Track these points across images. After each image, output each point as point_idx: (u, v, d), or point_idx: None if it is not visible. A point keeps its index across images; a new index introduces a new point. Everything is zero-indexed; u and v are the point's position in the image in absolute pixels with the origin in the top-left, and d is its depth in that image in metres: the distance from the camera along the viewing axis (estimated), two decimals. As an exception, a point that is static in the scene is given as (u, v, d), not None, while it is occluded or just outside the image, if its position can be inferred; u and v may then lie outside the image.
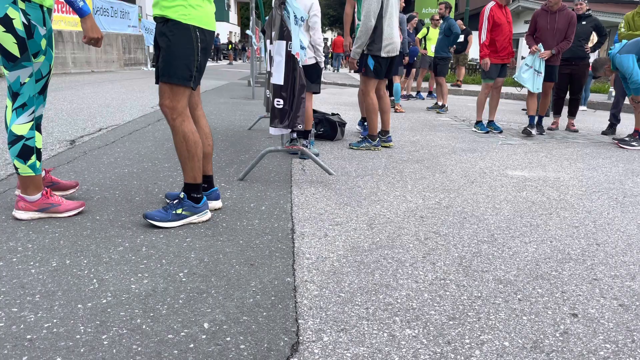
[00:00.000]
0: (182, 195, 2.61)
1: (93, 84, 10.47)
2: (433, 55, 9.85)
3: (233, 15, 45.07)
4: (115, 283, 1.92)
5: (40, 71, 2.61)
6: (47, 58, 2.62)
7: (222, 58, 33.28)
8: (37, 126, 2.68)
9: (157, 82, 2.62)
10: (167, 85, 2.51)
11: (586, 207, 3.34)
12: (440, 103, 9.00)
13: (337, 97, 10.79)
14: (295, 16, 3.34)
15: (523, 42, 15.49)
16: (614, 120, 6.91)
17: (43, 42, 2.55)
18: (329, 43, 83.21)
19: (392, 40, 4.75)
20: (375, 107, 4.93)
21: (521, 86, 11.91)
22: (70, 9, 13.13)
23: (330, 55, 33.80)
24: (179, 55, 2.47)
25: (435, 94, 11.51)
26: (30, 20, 2.44)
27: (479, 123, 6.67)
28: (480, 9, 25.37)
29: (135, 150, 4.36)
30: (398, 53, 4.91)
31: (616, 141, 5.98)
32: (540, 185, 3.88)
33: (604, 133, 6.87)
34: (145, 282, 1.94)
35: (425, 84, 13.69)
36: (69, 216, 2.64)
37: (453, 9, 17.44)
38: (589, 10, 6.89)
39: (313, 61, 4.33)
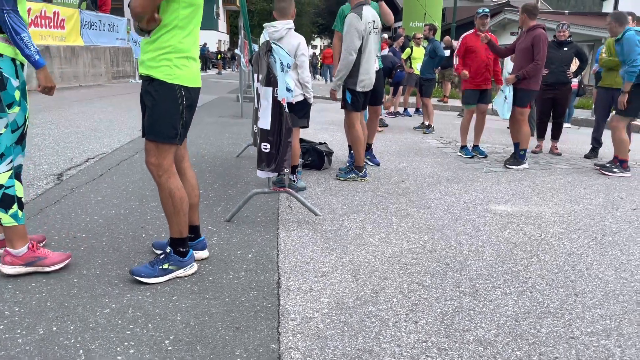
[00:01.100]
0: (168, 250, 2.64)
1: (81, 101, 10.44)
2: (419, 73, 9.98)
3: (222, 24, 45.08)
4: (101, 354, 1.95)
5: (15, 122, 2.66)
6: (22, 109, 2.66)
7: (210, 67, 33.25)
8: (16, 175, 2.71)
9: (143, 136, 2.65)
10: (152, 144, 2.55)
11: (566, 248, 3.41)
12: (426, 123, 9.10)
13: (325, 114, 10.86)
14: (281, 63, 3.39)
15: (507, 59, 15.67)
16: (596, 143, 7.04)
17: (17, 94, 2.60)
18: (317, 51, 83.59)
19: (369, 76, 4.88)
20: (361, 138, 5.00)
21: None
22: (57, 22, 13.13)
23: (319, 65, 33.93)
24: (164, 114, 2.52)
25: (422, 111, 11.62)
26: (2, 72, 2.49)
27: (463, 148, 6.77)
28: (469, 19, 25.70)
29: (123, 186, 4.38)
30: (372, 87, 5.04)
31: (597, 167, 6.10)
32: (522, 222, 3.96)
33: (586, 157, 7.00)
34: (131, 352, 1.97)
35: (412, 99, 13.80)
36: (56, 270, 2.66)
37: (440, 25, 17.66)
38: (570, 37, 7.03)
39: (301, 98, 4.39)
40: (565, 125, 10.14)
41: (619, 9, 24.79)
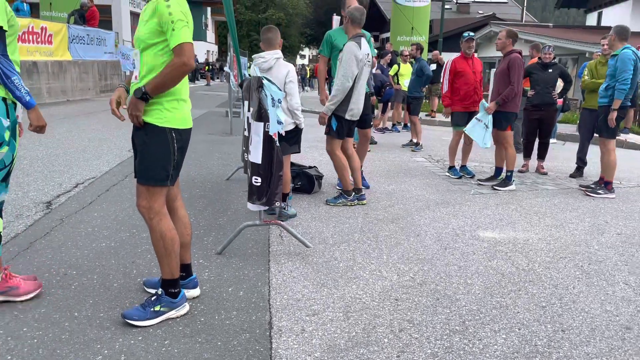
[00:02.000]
0: (159, 291, 2.65)
1: (69, 119, 10.38)
2: (406, 90, 10.10)
3: (211, 34, 45.12)
4: (95, 408, 1.95)
5: (3, 161, 2.67)
6: (10, 149, 2.68)
7: (199, 78, 33.21)
8: None
9: (135, 177, 2.67)
10: (144, 187, 2.57)
11: (553, 279, 3.47)
12: (415, 141, 9.18)
13: (315, 130, 10.85)
14: (272, 98, 3.43)
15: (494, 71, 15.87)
16: (581, 163, 7.16)
17: (6, 134, 2.62)
18: (305, 61, 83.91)
19: (357, 106, 4.93)
20: (344, 163, 5.05)
21: None
22: (44, 37, 13.07)
23: (308, 76, 34.06)
24: (155, 157, 2.54)
25: (410, 128, 11.72)
26: None
27: (451, 168, 6.86)
28: (456, 31, 26.04)
29: (113, 215, 4.37)
30: (359, 117, 5.11)
31: (583, 188, 6.20)
32: (510, 250, 4.02)
33: (571, 176, 7.11)
34: (125, 405, 1.97)
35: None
36: (27, 299, 2.73)
37: (427, 38, 17.85)
38: (554, 58, 7.16)
39: (292, 126, 4.42)
40: (551, 140, 10.30)
41: (602, 22, 25.30)
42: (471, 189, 6.11)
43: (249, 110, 3.90)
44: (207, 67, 32.11)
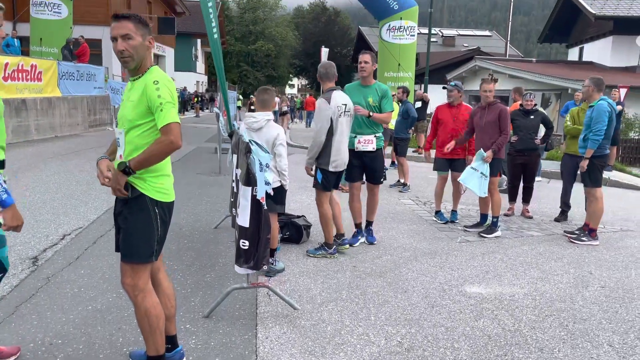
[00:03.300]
0: (146, 369, 2.64)
1: (57, 157, 10.36)
2: (393, 128, 10.23)
3: (200, 65, 45.54)
4: None
5: None
6: None
7: (188, 109, 33.37)
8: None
9: (116, 250, 2.70)
10: (128, 265, 2.59)
11: (539, 341, 3.51)
12: (402, 181, 9.28)
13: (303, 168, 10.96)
14: (260, 163, 3.49)
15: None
16: (565, 207, 7.28)
17: None
18: (294, 90, 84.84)
19: (340, 156, 5.03)
20: (329, 217, 5.12)
21: None
22: (34, 75, 13.12)
23: (297, 107, 34.39)
24: (138, 234, 2.57)
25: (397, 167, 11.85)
26: None
27: (438, 213, 6.95)
28: (442, 64, 26.45)
29: (100, 272, 4.35)
30: (345, 167, 5.20)
31: (567, 235, 6.29)
32: (496, 307, 4.05)
33: (556, 220, 7.22)
34: None
35: (388, 150, 14.05)
36: None
37: (413, 72, 18.18)
38: (535, 105, 7.35)
39: (278, 184, 4.48)
40: (536, 178, 10.47)
41: (583, 58, 25.97)
42: (458, 236, 6.18)
43: (237, 167, 3.96)
44: (196, 99, 32.30)
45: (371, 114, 5.21)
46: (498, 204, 6.28)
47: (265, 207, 3.51)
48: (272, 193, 4.01)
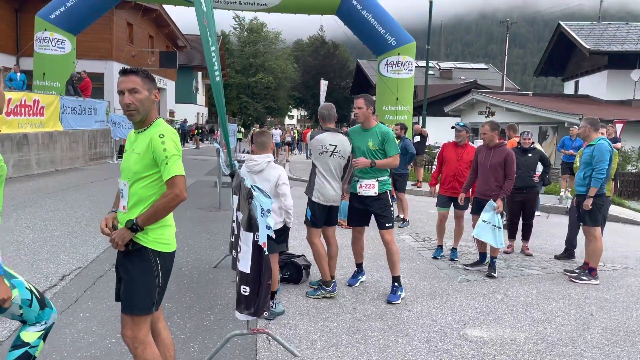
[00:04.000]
0: (146, 422, 2.62)
1: (57, 193, 10.39)
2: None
3: (201, 97, 46.07)
4: None
5: (23, 299, 2.63)
6: (17, 287, 2.64)
7: (188, 141, 33.61)
8: (45, 335, 2.73)
9: (117, 300, 2.71)
10: (128, 317, 2.60)
11: (541, 389, 3.47)
12: (401, 216, 9.30)
13: (305, 202, 10.99)
14: (262, 208, 3.52)
15: (477, 142, 16.32)
16: (569, 245, 7.26)
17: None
18: (294, 121, 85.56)
19: (322, 192, 5.11)
20: (322, 254, 5.15)
21: None
22: (36, 110, 13.27)
23: (297, 138, 34.64)
24: (139, 286, 2.59)
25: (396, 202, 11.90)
26: None
27: (439, 248, 6.99)
28: (439, 97, 26.84)
29: (99, 316, 4.33)
30: (335, 204, 5.25)
31: (567, 274, 6.28)
32: (497, 352, 4.02)
33: (557, 257, 7.21)
34: None
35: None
36: None
37: (411, 105, 18.41)
38: (533, 143, 7.44)
39: (280, 225, 4.50)
40: (535, 213, 10.50)
41: (579, 91, 26.34)
42: (458, 275, 6.16)
43: (238, 210, 3.99)
44: (196, 131, 32.56)
45: (375, 162, 5.08)
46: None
47: (267, 253, 3.52)
48: (273, 236, 4.05)
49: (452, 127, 7.11)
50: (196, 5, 5.05)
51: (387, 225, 5.27)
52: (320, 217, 5.16)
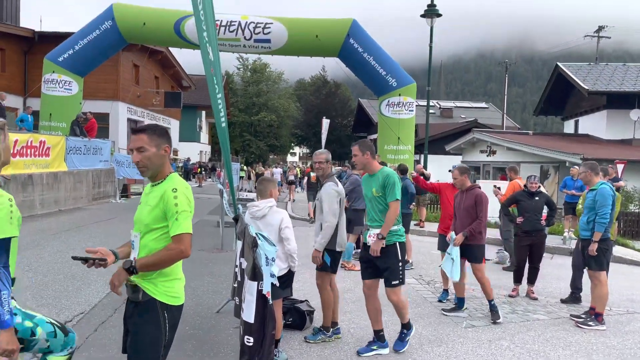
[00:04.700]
0: None
1: (59, 234, 10.40)
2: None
3: (204, 135, 46.57)
4: None
5: (48, 333, 2.80)
6: (39, 323, 2.73)
7: (191, 179, 33.78)
8: (70, 358, 2.98)
9: (123, 352, 2.70)
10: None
11: None
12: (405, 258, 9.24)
13: (307, 242, 10.93)
14: (266, 257, 3.54)
15: (479, 183, 16.39)
16: (575, 289, 7.20)
17: (27, 323, 2.65)
18: (296, 158, 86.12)
19: (342, 237, 5.17)
20: (331, 301, 5.15)
21: None
22: (42, 150, 13.42)
23: (299, 175, 34.78)
24: (146, 339, 2.60)
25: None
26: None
27: (444, 292, 6.96)
28: (440, 136, 27.03)
29: (100, 365, 4.28)
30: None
31: (574, 319, 6.21)
32: (505, 404, 3.95)
33: (563, 301, 7.13)
34: None
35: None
36: None
37: (413, 144, 18.58)
38: (539, 187, 7.48)
39: (285, 271, 4.50)
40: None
41: (579, 130, 26.58)
42: (463, 320, 6.09)
43: (242, 256, 3.99)
44: (199, 169, 32.76)
45: (382, 235, 4.64)
46: (488, 287, 6.20)
47: (271, 302, 3.52)
48: (277, 284, 4.04)
49: (449, 171, 7.22)
50: (203, 55, 5.18)
51: (392, 282, 4.74)
52: (338, 262, 5.23)
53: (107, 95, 23.46)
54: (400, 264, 4.78)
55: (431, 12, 17.12)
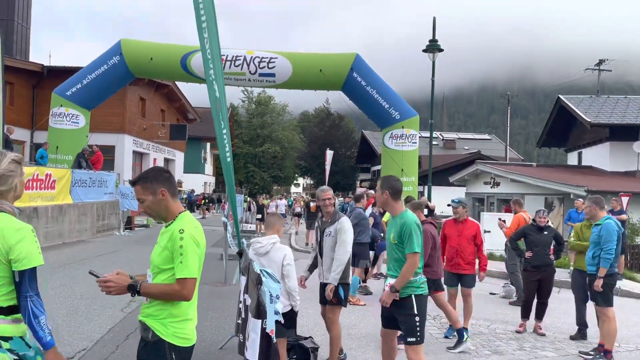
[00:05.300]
0: None
1: (62, 269, 10.37)
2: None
3: (209, 167, 46.82)
4: None
5: None
6: None
7: (195, 210, 33.80)
8: None
9: None
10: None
11: None
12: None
13: (313, 276, 10.86)
14: (270, 295, 3.52)
15: (484, 215, 16.38)
16: (582, 325, 7.09)
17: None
18: (300, 189, 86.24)
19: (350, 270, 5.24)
20: (340, 336, 5.09)
21: None
22: (48, 183, 13.51)
23: (304, 209, 34.71)
24: None
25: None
26: (18, 354, 2.50)
27: (450, 328, 6.85)
28: (443, 167, 27.10)
29: (101, 404, 4.21)
30: None
31: (582, 356, 6.10)
32: None
33: (572, 338, 7.01)
34: None
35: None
36: None
37: (416, 175, 18.61)
38: (548, 221, 7.46)
39: (288, 308, 4.47)
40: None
41: (582, 162, 26.61)
42: (471, 358, 5.99)
43: (246, 292, 3.97)
44: (203, 201, 32.82)
45: (395, 287, 4.15)
46: (454, 314, 6.36)
47: (275, 341, 3.48)
48: (282, 321, 4.01)
49: (448, 205, 7.19)
50: (209, 92, 5.26)
51: (408, 339, 4.17)
52: (348, 297, 5.25)
53: (114, 128, 23.73)
54: (417, 319, 4.16)
55: (433, 47, 17.40)
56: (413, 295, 4.17)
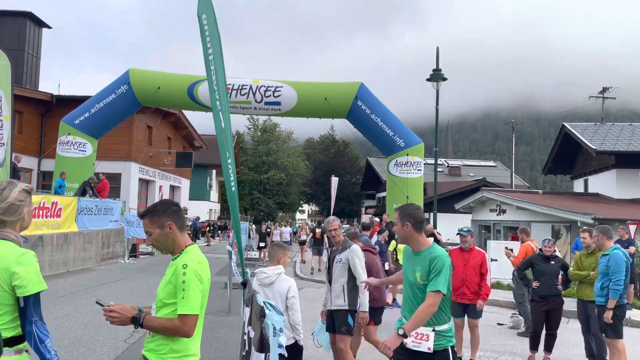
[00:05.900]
0: None
1: (66, 298, 10.32)
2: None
3: (214, 194, 46.92)
4: None
5: None
6: None
7: (199, 237, 33.75)
8: None
9: None
10: None
11: None
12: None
13: (317, 306, 10.73)
14: (274, 328, 3.48)
15: (491, 244, 16.23)
16: (591, 357, 6.95)
17: None
18: (304, 216, 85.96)
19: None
20: None
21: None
22: (54, 211, 13.56)
23: (311, 237, 34.57)
24: None
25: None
26: None
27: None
28: (449, 194, 26.90)
29: None
30: None
31: (594, 390, 5.96)
32: None
33: (581, 371, 6.87)
34: None
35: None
36: None
37: (422, 202, 18.57)
38: (555, 251, 7.39)
39: (292, 341, 4.41)
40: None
41: (589, 189, 26.49)
42: (478, 391, 5.87)
43: (249, 324, 3.93)
44: (208, 228, 32.78)
45: (404, 329, 3.42)
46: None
47: (278, 373, 3.43)
48: (285, 354, 3.96)
49: (457, 234, 7.13)
50: (216, 122, 5.32)
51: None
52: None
53: (120, 156, 23.91)
54: None
55: (437, 76, 17.57)
56: (449, 348, 3.60)
